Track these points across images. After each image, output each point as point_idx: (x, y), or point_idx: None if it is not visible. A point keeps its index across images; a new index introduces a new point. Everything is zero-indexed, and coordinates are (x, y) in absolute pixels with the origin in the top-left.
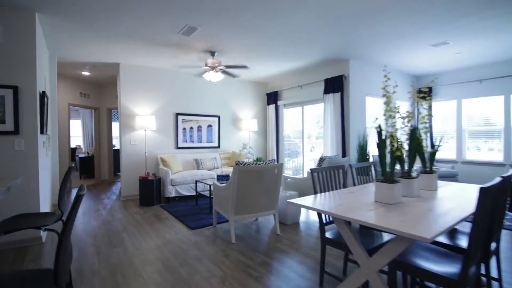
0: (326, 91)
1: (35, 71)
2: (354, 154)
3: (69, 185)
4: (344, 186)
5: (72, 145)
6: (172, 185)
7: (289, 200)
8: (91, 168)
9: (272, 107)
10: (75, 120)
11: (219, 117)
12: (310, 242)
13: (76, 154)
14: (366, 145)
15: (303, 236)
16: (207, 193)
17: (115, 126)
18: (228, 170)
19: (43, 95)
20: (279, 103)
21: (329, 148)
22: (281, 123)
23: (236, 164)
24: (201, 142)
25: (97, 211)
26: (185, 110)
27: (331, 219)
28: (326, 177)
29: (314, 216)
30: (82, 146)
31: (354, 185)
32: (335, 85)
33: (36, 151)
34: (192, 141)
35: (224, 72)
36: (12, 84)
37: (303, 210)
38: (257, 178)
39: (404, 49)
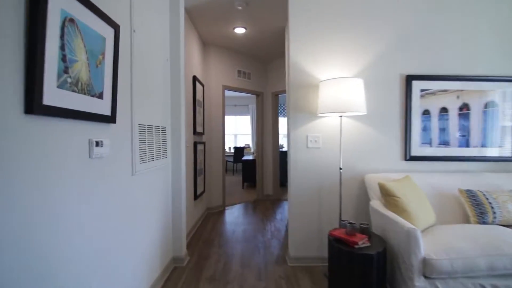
0: None
1: None
2: None
3: (223, 200)
4: None
5: (241, 144)
6: (426, 277)
7: None
8: (254, 175)
9: None
10: (244, 116)
11: None
12: None
13: (243, 155)
14: None
15: None
16: None
17: (282, 121)
18: None
19: None
20: None
21: None
22: None
23: None
24: (467, 145)
25: None
26: (428, 69)
27: None
28: None
29: None
30: (251, 145)
31: None
32: None
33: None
34: (446, 143)
35: None
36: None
37: None
38: None
39: None
